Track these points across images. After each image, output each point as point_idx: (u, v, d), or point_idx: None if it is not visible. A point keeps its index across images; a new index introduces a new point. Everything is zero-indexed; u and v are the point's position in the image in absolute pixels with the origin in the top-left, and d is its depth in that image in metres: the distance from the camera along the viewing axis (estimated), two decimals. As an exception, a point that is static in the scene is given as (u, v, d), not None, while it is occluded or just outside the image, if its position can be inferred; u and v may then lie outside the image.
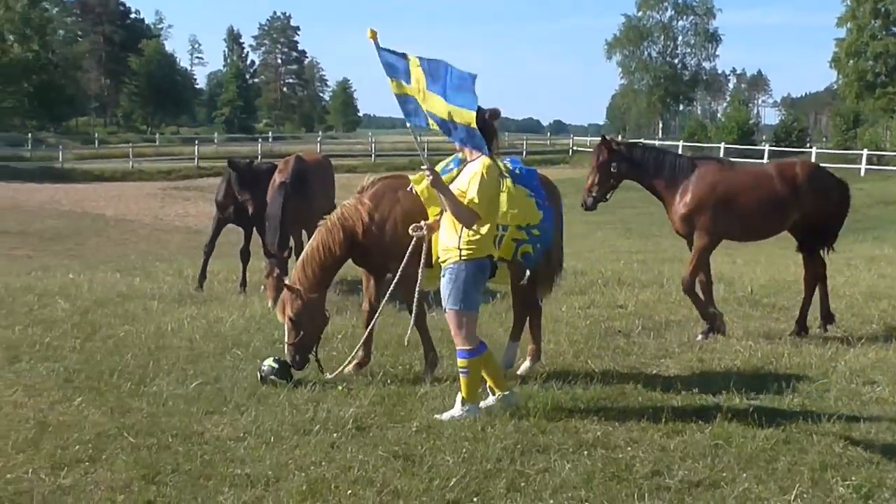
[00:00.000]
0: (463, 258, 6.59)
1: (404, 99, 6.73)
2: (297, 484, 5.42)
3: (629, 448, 6.20)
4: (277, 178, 12.14)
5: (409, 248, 7.18)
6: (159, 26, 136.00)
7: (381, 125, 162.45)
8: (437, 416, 6.73)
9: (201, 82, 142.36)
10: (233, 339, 9.19)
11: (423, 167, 6.75)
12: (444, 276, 6.71)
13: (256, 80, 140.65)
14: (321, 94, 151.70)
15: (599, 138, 10.48)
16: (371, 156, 63.51)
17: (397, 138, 78.74)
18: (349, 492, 5.36)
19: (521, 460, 5.89)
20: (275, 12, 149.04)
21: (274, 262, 11.16)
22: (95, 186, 47.39)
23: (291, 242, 11.68)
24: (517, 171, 7.95)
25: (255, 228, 13.25)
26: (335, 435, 6.31)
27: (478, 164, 6.62)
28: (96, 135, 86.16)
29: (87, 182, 49.53)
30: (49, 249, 24.65)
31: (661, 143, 70.06)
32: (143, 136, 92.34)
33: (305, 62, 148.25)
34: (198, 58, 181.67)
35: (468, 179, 6.61)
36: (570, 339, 9.39)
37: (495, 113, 6.81)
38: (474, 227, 6.56)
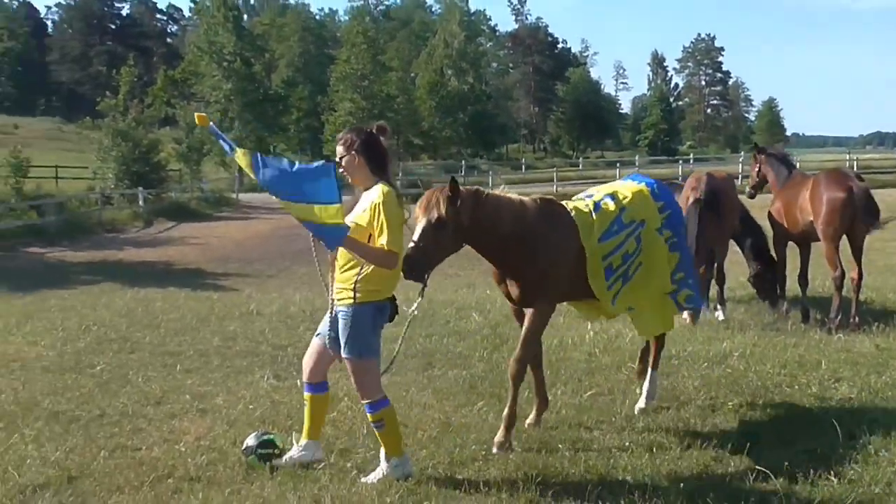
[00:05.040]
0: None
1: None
2: (672, 495, 5.50)
3: None
4: (691, 195, 11.75)
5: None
6: (585, 54, 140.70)
7: (811, 144, 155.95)
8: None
9: (626, 107, 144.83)
10: (630, 354, 9.31)
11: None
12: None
13: (680, 102, 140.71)
14: (746, 115, 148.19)
15: None
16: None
17: (825, 157, 75.36)
18: (724, 506, 5.34)
19: (917, 489, 5.55)
20: (699, 34, 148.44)
21: None
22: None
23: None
24: (659, 199, 7.30)
25: None
26: (719, 450, 6.30)
27: (375, 193, 5.66)
28: (524, 160, 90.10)
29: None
30: (476, 268, 26.16)
31: None
32: (568, 160, 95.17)
33: (730, 83, 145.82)
34: (622, 83, 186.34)
35: (368, 211, 5.65)
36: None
37: (382, 128, 5.88)
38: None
